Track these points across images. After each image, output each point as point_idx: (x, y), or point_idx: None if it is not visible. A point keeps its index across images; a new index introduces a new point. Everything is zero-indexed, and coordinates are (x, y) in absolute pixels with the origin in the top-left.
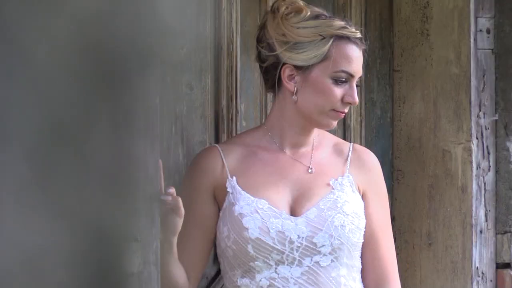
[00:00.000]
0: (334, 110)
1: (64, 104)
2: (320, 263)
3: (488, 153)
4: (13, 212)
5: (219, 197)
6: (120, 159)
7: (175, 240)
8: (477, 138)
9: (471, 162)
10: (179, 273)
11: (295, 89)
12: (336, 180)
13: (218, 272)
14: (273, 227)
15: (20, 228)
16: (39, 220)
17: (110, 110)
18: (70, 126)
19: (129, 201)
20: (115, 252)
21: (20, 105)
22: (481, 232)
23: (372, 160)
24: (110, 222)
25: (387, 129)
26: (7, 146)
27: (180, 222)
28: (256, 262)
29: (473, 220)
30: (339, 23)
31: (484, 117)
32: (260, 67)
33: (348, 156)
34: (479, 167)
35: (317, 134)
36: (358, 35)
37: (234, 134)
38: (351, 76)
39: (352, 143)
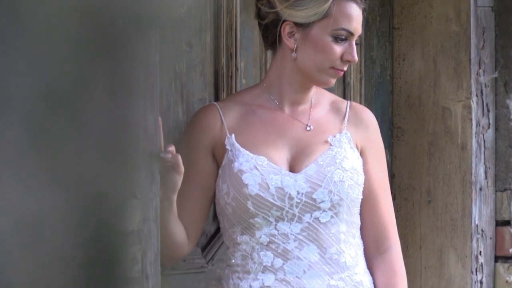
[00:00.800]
0: (333, 68)
1: (63, 63)
2: (319, 219)
3: (488, 110)
4: (12, 176)
5: (218, 155)
6: (120, 118)
7: (174, 197)
8: (476, 96)
9: (471, 120)
10: (178, 230)
11: (295, 46)
12: (334, 137)
13: (218, 230)
14: (273, 184)
15: (19, 191)
16: (38, 183)
17: (109, 69)
18: (70, 85)
19: (128, 159)
20: (114, 210)
21: (18, 70)
22: (480, 189)
23: (369, 117)
24: (110, 180)
25: (386, 86)
26: (5, 111)
27: (179, 179)
28: (255, 219)
29: (472, 177)
30: None
31: (483, 75)
32: (260, 24)
33: (345, 114)
34: (479, 125)
35: (315, 92)
36: None
37: (233, 92)
38: (351, 34)
39: (349, 101)
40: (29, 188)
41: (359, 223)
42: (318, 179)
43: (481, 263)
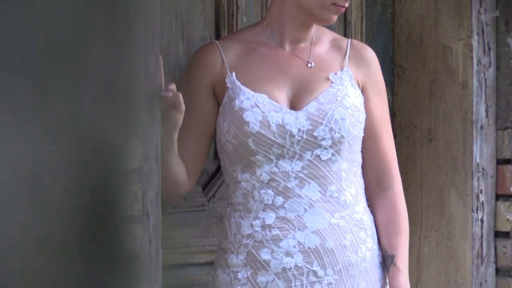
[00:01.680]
0: (334, 4)
1: (62, 7)
2: (320, 156)
3: (489, 49)
4: (12, 127)
5: (218, 93)
6: (120, 57)
7: (175, 136)
8: (477, 34)
9: (472, 58)
10: (179, 168)
11: None
12: (336, 74)
13: (219, 168)
14: (274, 121)
15: (18, 141)
16: (38, 131)
17: (109, 8)
18: (69, 27)
19: (129, 98)
20: (115, 149)
21: (15, 20)
22: (481, 128)
23: (370, 55)
24: (111, 120)
25: (388, 25)
26: (3, 61)
27: (180, 117)
28: (256, 157)
29: (473, 116)
30: None
31: (485, 13)
32: None
33: (346, 52)
34: (480, 63)
35: (315, 30)
36: None
37: (234, 30)
38: None
39: (350, 39)
40: (29, 138)
41: (361, 161)
42: (319, 116)
43: (482, 201)
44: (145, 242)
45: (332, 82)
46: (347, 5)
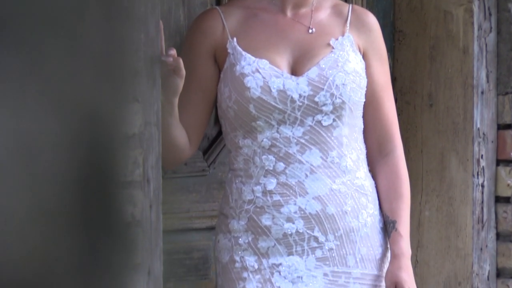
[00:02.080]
0: None
1: None
2: (322, 122)
3: (490, 14)
4: (8, 98)
5: (219, 59)
6: (120, 22)
7: (176, 101)
8: (478, 0)
9: (473, 23)
10: (180, 134)
11: None
12: (337, 40)
13: (219, 133)
14: (275, 87)
15: (15, 114)
16: (35, 102)
17: None
18: None
19: (129, 63)
20: (115, 115)
21: None
22: (482, 93)
23: (371, 20)
24: (111, 86)
25: None
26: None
27: (181, 83)
28: (257, 122)
29: (474, 81)
30: None
31: None
32: None
33: (347, 17)
34: (481, 29)
35: None
36: None
37: None
38: None
39: (351, 4)
40: (26, 109)
41: (362, 126)
42: (320, 82)
43: (483, 166)
44: (145, 207)
45: (333, 48)
46: None
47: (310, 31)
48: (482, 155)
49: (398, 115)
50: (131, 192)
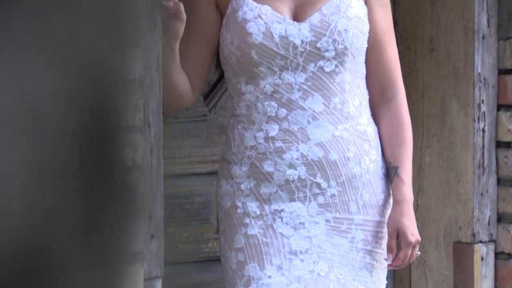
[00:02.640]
0: None
1: None
2: (324, 68)
3: None
4: (12, 56)
5: (221, 5)
6: None
7: (177, 46)
8: None
9: None
10: (181, 79)
11: None
12: None
13: (220, 78)
14: (277, 32)
15: (18, 70)
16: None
17: None
18: None
19: (129, 7)
20: (115, 59)
21: None
22: (483, 38)
23: None
24: (110, 29)
25: None
26: None
27: (181, 27)
28: (260, 68)
29: (475, 26)
30: None
31: None
32: None
33: None
34: None
35: None
36: None
37: None
38: None
39: None
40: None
41: (364, 72)
42: (322, 28)
43: (484, 111)
44: (146, 152)
45: None
46: None
47: None
48: (483, 100)
49: (399, 60)
50: (132, 137)
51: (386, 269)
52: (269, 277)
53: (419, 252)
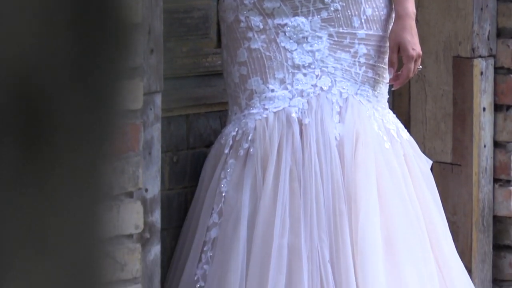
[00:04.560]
0: None
1: None
2: None
3: None
4: None
5: None
6: None
7: None
8: None
9: None
10: None
11: None
12: None
13: None
14: None
15: None
16: None
17: None
18: None
19: None
20: None
21: None
22: None
23: None
24: None
25: None
26: None
27: None
28: None
29: None
30: None
31: None
32: None
33: None
34: None
35: None
36: None
37: None
38: None
39: None
40: None
41: None
42: None
43: None
44: None
45: None
46: None
47: None
48: None
49: None
50: None
51: (388, 84)
52: (272, 90)
53: (420, 66)
